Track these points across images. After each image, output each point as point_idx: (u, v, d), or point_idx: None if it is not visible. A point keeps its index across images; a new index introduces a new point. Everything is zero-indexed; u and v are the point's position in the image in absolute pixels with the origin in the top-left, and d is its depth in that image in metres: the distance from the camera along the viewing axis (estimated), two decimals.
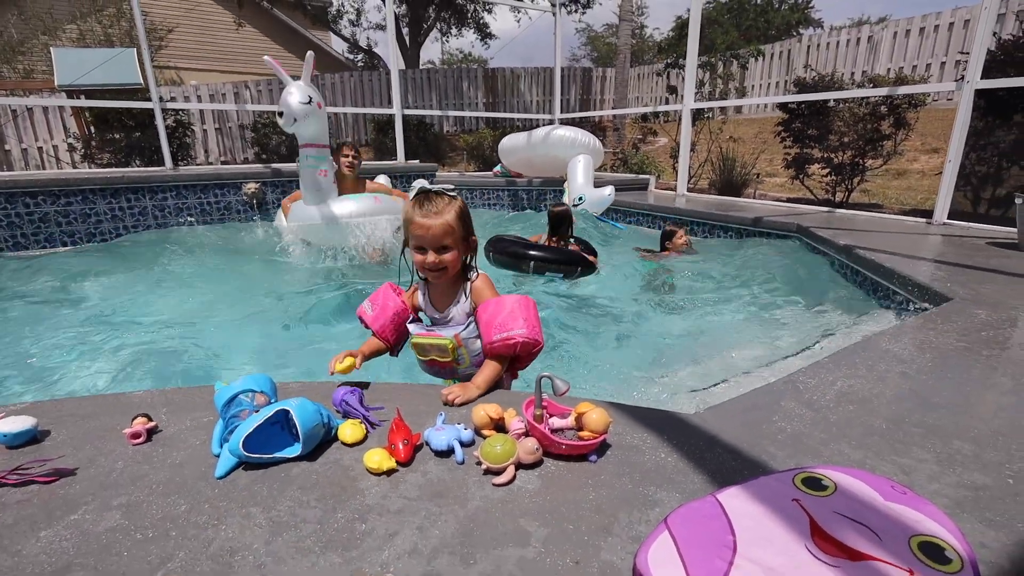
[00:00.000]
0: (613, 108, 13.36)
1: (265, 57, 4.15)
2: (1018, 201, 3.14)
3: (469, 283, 1.54)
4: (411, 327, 1.58)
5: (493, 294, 1.52)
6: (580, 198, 5.47)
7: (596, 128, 12.38)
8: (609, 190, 5.43)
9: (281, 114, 3.78)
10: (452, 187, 1.48)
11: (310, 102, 3.79)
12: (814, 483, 0.93)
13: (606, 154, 10.22)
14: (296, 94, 3.75)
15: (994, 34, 4.44)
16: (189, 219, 5.24)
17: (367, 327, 1.60)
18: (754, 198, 6.58)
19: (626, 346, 2.57)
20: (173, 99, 10.94)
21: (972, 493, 0.98)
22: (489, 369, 1.41)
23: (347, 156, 4.28)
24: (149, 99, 5.70)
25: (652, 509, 0.95)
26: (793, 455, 1.11)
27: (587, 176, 5.64)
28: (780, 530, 0.82)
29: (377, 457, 1.05)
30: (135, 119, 7.55)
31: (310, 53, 4.01)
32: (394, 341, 1.61)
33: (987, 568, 0.81)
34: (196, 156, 11.13)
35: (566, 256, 3.84)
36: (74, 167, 9.33)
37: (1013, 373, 1.51)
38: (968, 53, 3.85)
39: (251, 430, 1.04)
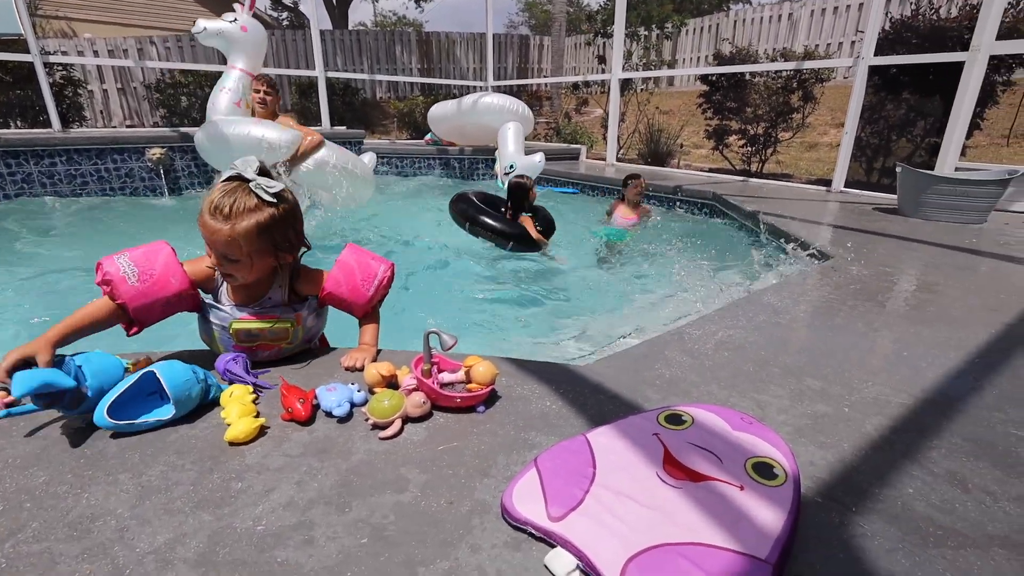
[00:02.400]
0: (547, 77, 13.31)
1: (236, 4, 3.96)
2: (898, 170, 3.45)
3: (286, 283, 1.34)
4: (237, 312, 1.29)
5: (320, 271, 1.38)
6: (511, 166, 5.46)
7: (533, 98, 12.31)
8: (539, 157, 5.47)
9: (195, 21, 3.70)
10: (282, 186, 1.20)
11: (234, 21, 3.73)
12: (675, 419, 1.01)
13: (541, 124, 10.22)
14: (228, 15, 3.75)
15: (886, 14, 4.77)
16: (85, 187, 4.78)
17: (114, 296, 1.16)
18: (678, 168, 6.83)
19: (538, 308, 2.64)
20: (64, 53, 9.78)
21: (812, 421, 1.11)
22: (373, 328, 1.41)
23: (257, 92, 4.09)
24: (27, 51, 5.07)
25: (530, 452, 1.00)
26: (667, 397, 1.19)
27: (517, 143, 5.63)
28: (636, 460, 0.89)
29: (241, 426, 1.02)
30: (13, 74, 6.70)
31: None
32: (144, 326, 1.23)
33: (811, 481, 0.92)
34: (94, 119, 10.09)
35: (502, 228, 3.74)
36: None
37: (869, 320, 1.69)
38: (864, 32, 4.12)
39: (113, 399, 1.00)
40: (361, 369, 1.29)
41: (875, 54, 4.09)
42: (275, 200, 1.18)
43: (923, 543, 0.80)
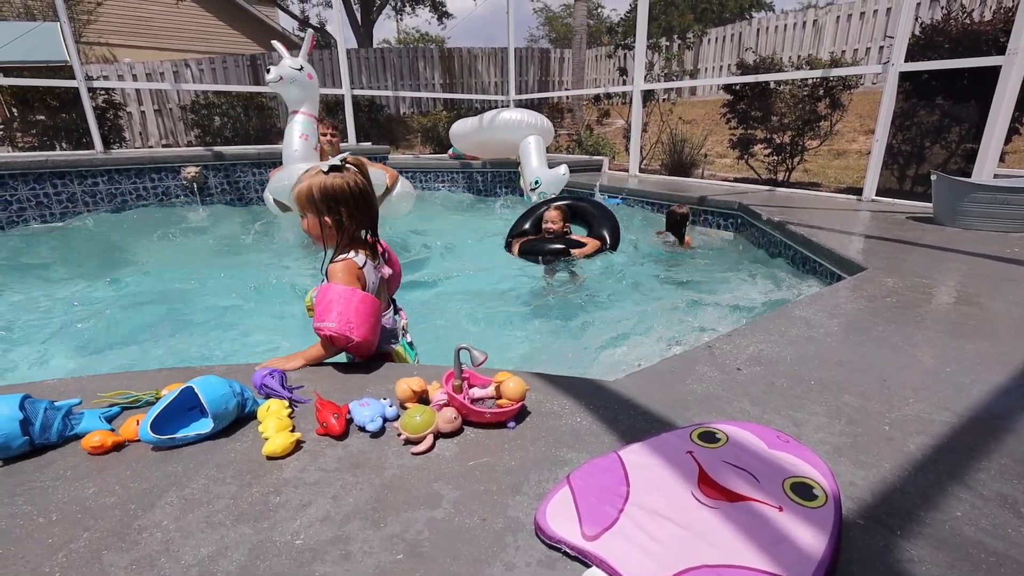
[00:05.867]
0: (568, 89, 13.38)
1: (273, 42, 4.31)
2: (933, 178, 3.35)
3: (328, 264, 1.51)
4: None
5: (343, 279, 1.42)
6: (536, 181, 5.49)
7: (554, 110, 12.37)
8: (563, 169, 5.48)
9: (269, 70, 3.88)
10: (348, 161, 1.49)
11: (301, 69, 3.95)
12: (709, 436, 1.00)
13: (563, 136, 10.26)
14: (289, 60, 3.95)
15: (916, 19, 4.67)
16: (124, 205, 4.99)
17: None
18: (702, 178, 6.76)
19: (567, 323, 2.64)
20: (106, 78, 10.26)
21: (851, 440, 1.08)
22: (314, 349, 1.44)
23: (324, 134, 4.36)
24: (73, 77, 5.34)
25: (561, 468, 1.00)
26: (699, 413, 1.18)
27: (540, 157, 5.66)
28: (670, 478, 0.88)
29: (278, 441, 1.04)
30: (59, 99, 7.06)
31: (311, 31, 4.24)
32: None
33: (852, 502, 0.90)
34: (132, 139, 10.53)
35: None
36: None
37: (908, 333, 1.64)
38: (893, 37, 4.05)
39: (156, 414, 1.04)
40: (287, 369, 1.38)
41: (905, 60, 4.00)
42: (343, 170, 1.49)
43: (974, 570, 0.77)
